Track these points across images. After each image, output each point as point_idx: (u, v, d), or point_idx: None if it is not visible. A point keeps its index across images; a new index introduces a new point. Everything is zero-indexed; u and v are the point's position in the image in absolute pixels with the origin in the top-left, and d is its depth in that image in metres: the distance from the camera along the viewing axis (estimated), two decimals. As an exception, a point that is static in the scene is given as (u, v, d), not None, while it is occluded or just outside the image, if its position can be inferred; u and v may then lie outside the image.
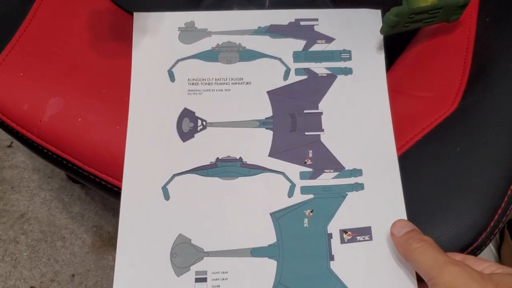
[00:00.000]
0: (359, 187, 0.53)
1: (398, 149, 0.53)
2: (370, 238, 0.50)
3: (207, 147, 0.54)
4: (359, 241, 0.50)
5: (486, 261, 0.44)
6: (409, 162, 0.53)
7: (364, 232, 0.51)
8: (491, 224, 0.49)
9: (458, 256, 0.46)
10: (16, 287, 1.10)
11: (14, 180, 1.25)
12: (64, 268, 1.12)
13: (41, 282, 1.07)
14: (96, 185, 0.58)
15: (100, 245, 1.16)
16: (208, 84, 0.58)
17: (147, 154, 0.54)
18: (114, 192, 0.57)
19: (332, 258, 0.50)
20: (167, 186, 0.52)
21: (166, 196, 0.52)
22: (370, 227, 0.51)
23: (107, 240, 1.17)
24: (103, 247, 1.16)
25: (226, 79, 0.57)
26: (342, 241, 0.50)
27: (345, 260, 0.50)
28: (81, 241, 1.19)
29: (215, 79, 0.58)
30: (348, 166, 0.54)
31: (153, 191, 0.52)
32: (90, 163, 0.56)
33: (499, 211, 0.50)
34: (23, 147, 0.60)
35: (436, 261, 0.42)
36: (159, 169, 0.53)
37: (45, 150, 0.56)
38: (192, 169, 0.53)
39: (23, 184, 1.27)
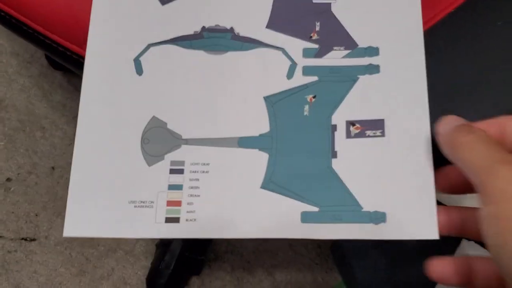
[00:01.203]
0: (374, 69, 0.44)
1: (424, 23, 0.45)
2: (382, 134, 0.42)
3: (192, 12, 0.46)
4: (369, 136, 0.43)
5: None
6: (438, 39, 0.43)
7: (375, 126, 0.43)
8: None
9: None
10: (-10, 177, 1.03)
11: (-11, 63, 1.15)
12: (43, 160, 1.05)
13: (18, 174, 0.99)
14: (60, 55, 0.52)
15: (81, 137, 1.08)
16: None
17: (118, 18, 0.46)
18: (80, 64, 0.49)
19: (334, 155, 0.42)
20: (140, 58, 0.45)
21: (139, 70, 0.45)
22: (383, 120, 0.43)
23: (90, 132, 1.08)
24: (85, 139, 1.08)
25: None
26: (348, 135, 0.43)
27: (349, 158, 0.43)
28: (62, 132, 1.11)
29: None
30: (362, 43, 0.45)
31: (123, 63, 0.45)
32: (52, 28, 0.51)
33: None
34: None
35: (487, 159, 0.32)
36: (131, 36, 0.45)
37: (2, 14, 0.50)
38: (172, 38, 0.45)
39: (1, 69, 1.16)
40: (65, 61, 0.52)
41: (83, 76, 0.45)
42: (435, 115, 0.42)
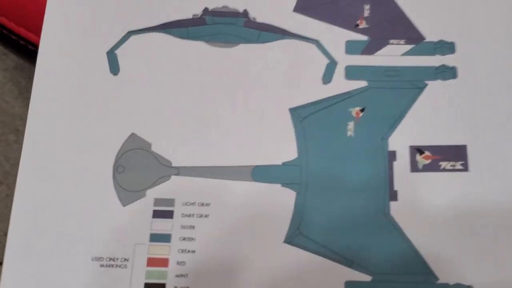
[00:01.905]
0: (448, 72, 0.33)
1: None
2: (465, 167, 0.31)
3: None
4: (445, 169, 0.31)
5: None
6: None
7: (454, 155, 0.31)
8: None
9: None
10: (-44, 187, 0.91)
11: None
12: (16, 168, 0.92)
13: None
14: (11, 45, 0.42)
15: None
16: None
17: None
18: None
19: (393, 196, 0.31)
20: (117, 51, 0.35)
21: (114, 68, 0.34)
22: (466, 146, 0.32)
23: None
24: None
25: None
26: (414, 167, 0.31)
27: (416, 201, 0.31)
28: (45, 135, 0.99)
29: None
30: (431, 35, 0.34)
31: (91, 57, 0.34)
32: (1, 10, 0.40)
33: None
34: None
35: None
36: (103, 19, 0.35)
37: None
38: (162, 24, 0.35)
39: (-27, 61, 1.04)
40: (19, 53, 0.42)
41: (35, 75, 0.34)
42: None
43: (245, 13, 0.35)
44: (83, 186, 0.31)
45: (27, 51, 0.40)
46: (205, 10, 0.35)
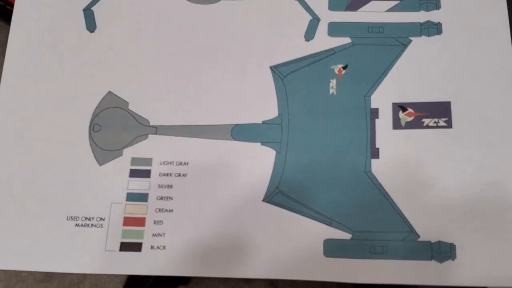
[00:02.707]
0: (433, 28, 0.32)
1: None
2: (449, 124, 0.30)
3: None
4: (428, 126, 0.30)
5: None
6: None
7: (438, 112, 0.30)
8: None
9: None
10: None
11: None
12: None
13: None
14: None
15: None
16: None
17: None
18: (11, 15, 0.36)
19: (375, 154, 0.30)
20: (93, 8, 0.33)
21: (90, 25, 0.33)
22: (449, 103, 0.30)
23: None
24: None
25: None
26: (397, 124, 0.30)
27: (399, 159, 0.30)
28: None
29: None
30: None
31: (67, 14, 0.33)
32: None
33: None
34: None
35: None
36: None
37: None
38: None
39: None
40: None
41: (10, 32, 0.32)
42: None
43: None
44: (58, 145, 0.30)
45: (5, 11, 0.38)
46: None
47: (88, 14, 0.33)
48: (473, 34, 0.31)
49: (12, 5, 0.38)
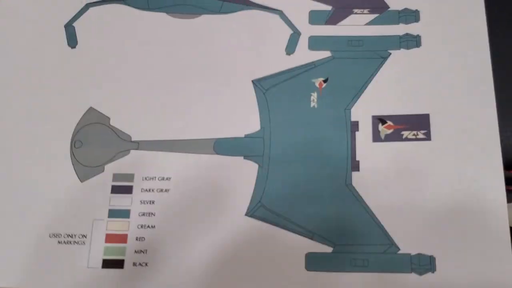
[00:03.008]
0: (412, 41, 0.32)
1: None
2: (427, 136, 0.30)
3: None
4: (407, 139, 0.30)
5: None
6: None
7: (417, 124, 0.31)
8: None
9: None
10: None
11: None
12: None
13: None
14: None
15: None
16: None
17: None
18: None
19: (355, 166, 0.30)
20: (74, 24, 0.33)
21: (72, 41, 0.33)
22: (429, 115, 0.31)
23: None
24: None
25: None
26: (376, 137, 0.31)
27: (378, 171, 0.30)
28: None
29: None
30: (395, 4, 0.34)
31: (49, 30, 0.33)
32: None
33: None
34: None
35: None
36: None
37: None
38: None
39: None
40: None
41: None
42: (504, 109, 0.30)
43: None
44: (39, 161, 0.30)
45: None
46: None
47: (70, 30, 0.33)
48: (452, 47, 0.32)
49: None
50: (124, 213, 0.30)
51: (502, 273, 0.27)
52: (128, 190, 0.30)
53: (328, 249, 0.29)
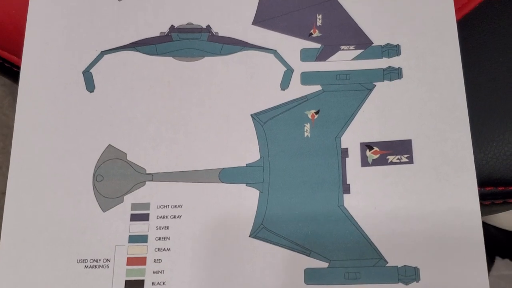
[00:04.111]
0: (394, 73, 0.35)
1: (457, 10, 0.37)
2: (410, 160, 0.33)
3: (157, 8, 0.38)
4: (392, 163, 0.33)
5: None
6: (475, 30, 0.34)
7: (400, 149, 0.34)
8: None
9: None
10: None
11: (-41, 72, 1.05)
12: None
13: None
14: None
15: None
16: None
17: (62, 17, 0.38)
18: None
19: (346, 189, 0.33)
20: (91, 70, 0.36)
21: (90, 85, 0.36)
22: (411, 141, 0.34)
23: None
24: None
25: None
26: (364, 162, 0.34)
27: (367, 193, 0.33)
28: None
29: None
30: (378, 39, 0.36)
31: (69, 76, 0.36)
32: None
33: None
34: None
35: None
36: (79, 42, 0.37)
37: None
38: (132, 43, 0.37)
39: (-28, 77, 1.06)
40: (6, 75, 0.42)
41: (18, 94, 0.36)
42: (477, 133, 0.32)
43: (208, 28, 0.37)
44: (66, 195, 0.33)
45: (12, 72, 0.42)
46: (171, 27, 0.37)
47: (87, 76, 0.36)
48: (430, 77, 0.34)
49: (16, 67, 0.42)
50: (142, 238, 0.33)
51: (476, 278, 0.30)
52: (145, 217, 0.33)
53: (324, 264, 0.32)
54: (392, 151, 0.33)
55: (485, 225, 0.54)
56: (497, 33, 0.36)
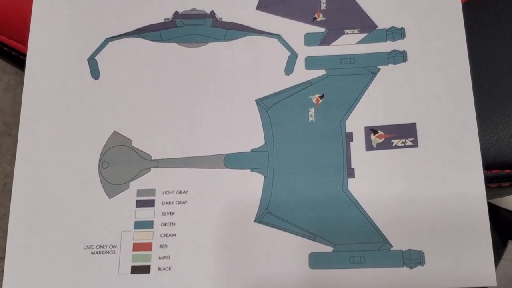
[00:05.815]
0: (399, 57, 0.35)
1: None
2: (415, 143, 0.33)
3: None
4: (397, 146, 0.33)
5: None
6: (482, 12, 0.32)
7: (405, 133, 0.33)
8: None
9: None
10: (-26, 187, 0.94)
11: (-31, 62, 1.05)
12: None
13: (5, 183, 0.90)
14: (6, 56, 0.43)
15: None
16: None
17: (66, 6, 0.38)
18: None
19: (351, 173, 0.33)
20: (96, 57, 0.37)
21: (95, 72, 0.36)
22: (415, 124, 0.33)
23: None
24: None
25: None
26: (369, 146, 0.34)
27: (371, 177, 0.33)
28: (53, 134, 1.01)
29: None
30: (382, 23, 0.36)
31: (74, 64, 0.37)
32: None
33: None
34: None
35: None
36: (84, 29, 0.37)
37: None
38: (137, 30, 0.37)
39: (-16, 67, 1.07)
40: (13, 63, 0.43)
41: (24, 82, 0.36)
42: (482, 115, 0.32)
43: (212, 14, 0.37)
44: (72, 182, 0.34)
45: (19, 61, 0.42)
46: (175, 13, 0.37)
47: (92, 63, 0.36)
48: (435, 60, 0.34)
49: (19, 53, 0.42)
50: (148, 224, 0.33)
51: (482, 261, 0.30)
52: (150, 203, 0.34)
53: (329, 249, 0.32)
54: (397, 134, 0.33)
55: (498, 208, 0.54)
56: (503, 15, 0.36)
